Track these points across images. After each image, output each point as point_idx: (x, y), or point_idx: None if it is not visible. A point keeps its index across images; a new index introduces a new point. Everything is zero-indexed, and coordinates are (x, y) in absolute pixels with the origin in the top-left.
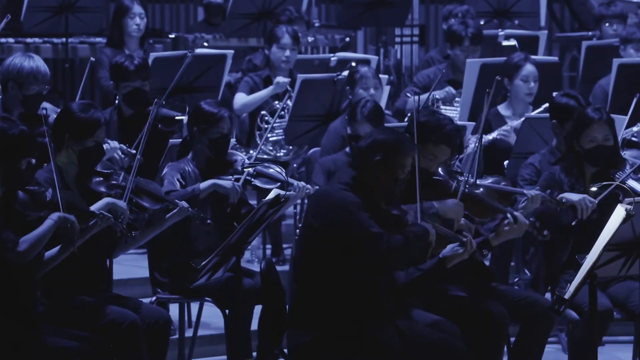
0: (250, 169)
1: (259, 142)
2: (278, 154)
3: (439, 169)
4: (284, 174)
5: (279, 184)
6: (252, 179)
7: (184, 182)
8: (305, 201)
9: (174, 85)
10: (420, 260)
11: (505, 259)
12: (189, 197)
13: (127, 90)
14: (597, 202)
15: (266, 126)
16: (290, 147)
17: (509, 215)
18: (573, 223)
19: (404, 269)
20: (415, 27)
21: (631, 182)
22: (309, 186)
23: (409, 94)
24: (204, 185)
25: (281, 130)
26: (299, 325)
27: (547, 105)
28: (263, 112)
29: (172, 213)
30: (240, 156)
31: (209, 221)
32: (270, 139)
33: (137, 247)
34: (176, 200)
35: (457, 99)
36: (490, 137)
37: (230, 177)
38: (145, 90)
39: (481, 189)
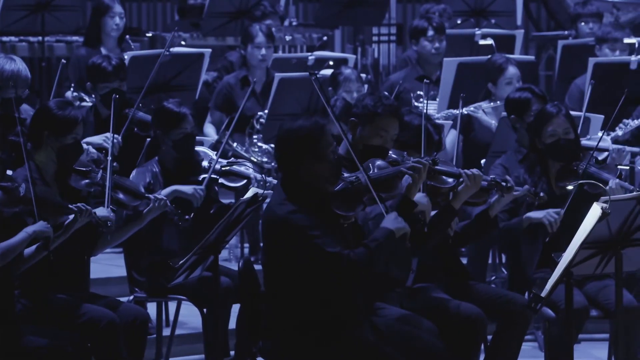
0: (217, 166)
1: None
2: (263, 159)
3: (391, 153)
4: (251, 170)
5: (245, 181)
6: (219, 178)
7: (150, 185)
8: None
9: (150, 84)
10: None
11: (482, 258)
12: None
13: (105, 91)
14: (563, 212)
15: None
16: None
17: (463, 175)
18: (547, 240)
19: (384, 271)
20: (392, 26)
21: (594, 170)
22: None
23: None
24: (164, 192)
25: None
26: (273, 329)
27: None
28: (260, 113)
29: (150, 208)
30: (208, 154)
31: (187, 217)
32: (258, 143)
33: (116, 245)
34: (154, 196)
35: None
36: (464, 111)
37: (197, 177)
38: (123, 90)
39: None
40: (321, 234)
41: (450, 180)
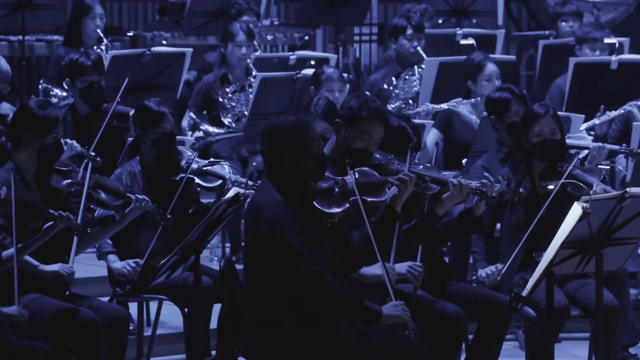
0: (195, 166)
1: (223, 119)
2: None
3: (377, 155)
4: (228, 170)
5: (220, 181)
6: (195, 178)
7: (128, 185)
8: None
9: (130, 84)
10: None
11: (463, 257)
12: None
13: (84, 85)
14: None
15: (226, 101)
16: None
17: (450, 185)
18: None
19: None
20: (374, 25)
21: (578, 172)
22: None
23: None
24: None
25: (239, 104)
26: (252, 328)
27: None
28: (228, 90)
29: (131, 208)
30: (187, 153)
31: (169, 216)
32: (230, 113)
33: (96, 245)
34: (135, 196)
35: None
36: (444, 105)
37: (176, 177)
38: (101, 85)
39: (420, 167)
40: (304, 244)
41: (434, 186)
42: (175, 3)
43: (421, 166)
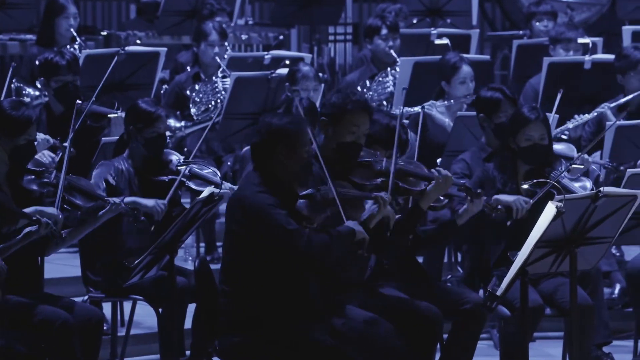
0: (186, 170)
1: (192, 112)
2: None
3: (364, 153)
4: (218, 176)
5: (212, 185)
6: (187, 181)
7: (114, 181)
8: None
9: (105, 83)
10: (350, 261)
11: (438, 257)
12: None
13: (58, 84)
14: (532, 202)
15: (194, 94)
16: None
17: (435, 175)
18: (508, 223)
19: (332, 268)
20: (348, 25)
21: (566, 182)
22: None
23: None
24: (126, 201)
25: (206, 96)
26: (230, 327)
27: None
28: (197, 87)
29: (105, 210)
30: (176, 156)
31: (142, 218)
32: (198, 104)
33: (69, 245)
34: (109, 198)
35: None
36: (417, 108)
37: (165, 177)
38: (76, 84)
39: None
40: (284, 213)
41: (423, 183)
42: (149, 3)
43: (409, 164)
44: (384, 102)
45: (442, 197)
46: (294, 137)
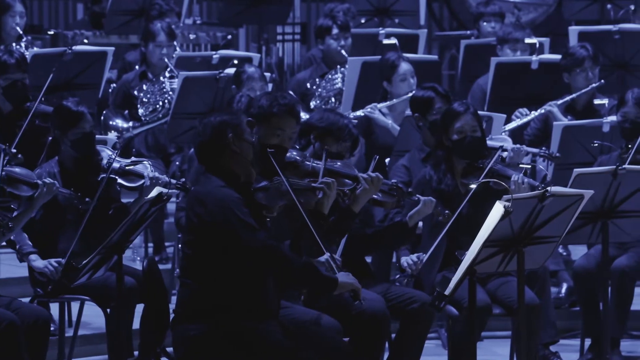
0: (117, 165)
1: (140, 112)
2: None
3: (293, 152)
4: (150, 169)
5: (143, 181)
6: (117, 178)
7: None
8: None
9: (52, 83)
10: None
11: (387, 256)
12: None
13: (7, 83)
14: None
15: (142, 94)
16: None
17: (361, 179)
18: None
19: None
20: (297, 25)
21: (499, 167)
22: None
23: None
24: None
25: (154, 96)
26: (186, 319)
27: None
28: (144, 86)
29: (39, 192)
30: (107, 153)
31: (87, 199)
32: (146, 104)
33: (9, 237)
34: (42, 181)
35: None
36: (360, 112)
37: (97, 177)
38: (25, 83)
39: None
40: (247, 212)
41: (349, 182)
42: (99, 13)
43: (338, 163)
44: (332, 99)
45: (388, 196)
46: (238, 125)
